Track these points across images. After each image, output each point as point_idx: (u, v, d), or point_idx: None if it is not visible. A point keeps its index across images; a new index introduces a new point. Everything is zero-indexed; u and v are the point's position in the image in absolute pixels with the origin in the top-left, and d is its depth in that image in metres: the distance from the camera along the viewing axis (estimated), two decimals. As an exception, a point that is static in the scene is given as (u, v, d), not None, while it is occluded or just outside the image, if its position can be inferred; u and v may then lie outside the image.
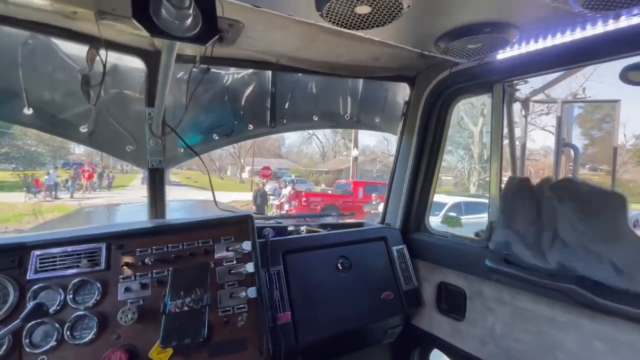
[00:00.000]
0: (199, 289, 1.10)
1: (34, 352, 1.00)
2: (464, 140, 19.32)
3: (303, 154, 44.04)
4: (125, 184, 25.61)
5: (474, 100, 13.80)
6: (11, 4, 1.10)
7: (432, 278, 1.76)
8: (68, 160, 27.72)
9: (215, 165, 35.93)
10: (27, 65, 1.34)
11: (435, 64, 1.64)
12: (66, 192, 18.60)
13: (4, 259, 1.07)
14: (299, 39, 1.38)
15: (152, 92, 1.50)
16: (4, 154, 23.53)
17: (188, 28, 0.58)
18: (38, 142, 25.08)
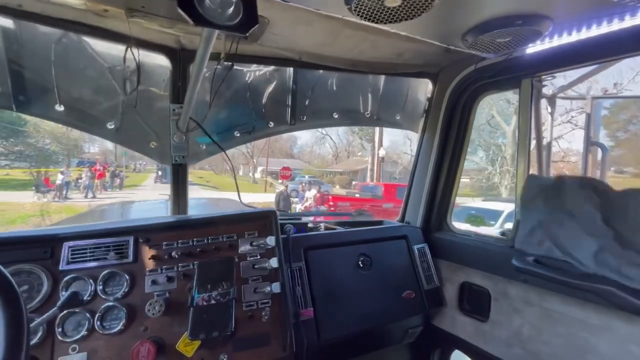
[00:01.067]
0: (225, 282, 1.11)
1: (65, 341, 1.02)
2: (494, 140, 18.05)
3: (315, 155, 43.75)
4: (137, 184, 25.26)
5: (510, 96, 13.02)
6: (47, 2, 1.13)
7: (454, 278, 1.73)
8: (83, 159, 28.09)
9: (229, 165, 36.13)
10: (60, 63, 1.38)
11: (459, 59, 1.61)
12: (77, 191, 17.83)
13: (37, 249, 1.11)
14: (323, 35, 1.37)
15: (176, 89, 1.53)
16: (18, 152, 23.22)
17: (229, 17, 0.58)
18: (52, 140, 24.89)
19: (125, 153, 34.34)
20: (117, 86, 1.49)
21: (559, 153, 13.91)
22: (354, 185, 27.55)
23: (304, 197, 13.44)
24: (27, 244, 1.11)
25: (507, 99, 13.91)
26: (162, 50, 1.46)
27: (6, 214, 11.45)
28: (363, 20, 1.10)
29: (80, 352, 1.02)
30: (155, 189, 19.80)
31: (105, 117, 1.51)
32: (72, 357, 1.01)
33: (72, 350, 1.02)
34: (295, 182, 23.44)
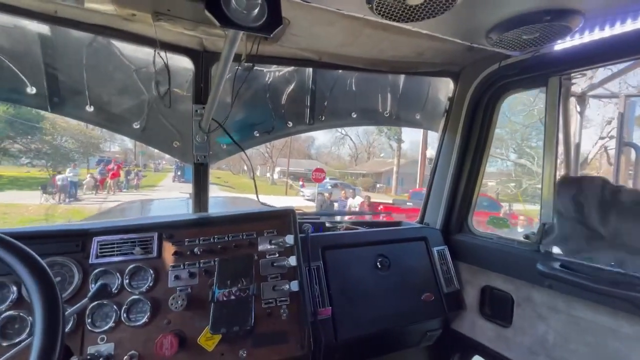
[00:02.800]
0: (245, 279, 1.13)
1: (94, 331, 1.07)
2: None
3: (334, 156, 43.13)
4: (155, 184, 24.54)
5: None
6: (80, 9, 1.19)
7: (475, 281, 1.69)
8: (102, 157, 27.71)
9: (247, 165, 36.21)
10: (90, 66, 1.45)
11: (482, 57, 1.57)
12: (90, 192, 16.77)
13: (69, 243, 1.16)
14: (343, 35, 1.37)
15: (199, 90, 1.57)
16: (36, 149, 22.54)
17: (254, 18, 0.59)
18: (68, 137, 24.18)
19: (143, 152, 34.88)
20: (143, 88, 1.55)
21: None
22: (378, 188, 26.89)
23: (346, 205, 12.08)
24: (60, 238, 1.17)
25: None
26: (185, 53, 1.50)
27: (7, 218, 10.69)
28: (384, 19, 1.09)
29: (108, 343, 1.07)
30: (172, 190, 18.96)
31: (132, 117, 1.57)
32: (101, 346, 1.06)
33: (100, 340, 1.06)
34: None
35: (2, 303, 1.02)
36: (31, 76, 1.34)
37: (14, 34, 1.29)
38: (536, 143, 14.29)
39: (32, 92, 1.35)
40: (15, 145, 21.73)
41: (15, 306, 1.03)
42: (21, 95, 1.34)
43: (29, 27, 1.29)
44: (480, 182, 1.80)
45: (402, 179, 26.48)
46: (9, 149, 21.56)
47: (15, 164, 22.85)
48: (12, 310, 1.02)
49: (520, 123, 14.00)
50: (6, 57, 1.28)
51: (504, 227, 6.70)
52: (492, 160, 15.52)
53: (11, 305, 1.02)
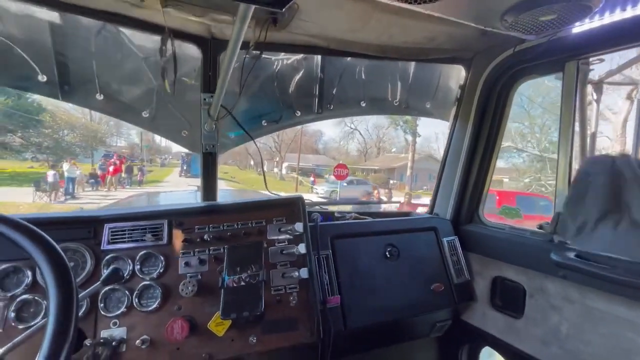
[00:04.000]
0: (254, 265, 1.13)
1: (107, 316, 1.08)
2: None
3: (342, 150, 42.33)
4: (160, 179, 23.47)
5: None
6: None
7: (486, 272, 1.66)
8: (109, 151, 27.15)
9: (254, 159, 35.89)
10: (100, 54, 1.45)
11: (496, 43, 1.53)
12: (88, 188, 15.71)
13: (82, 230, 1.17)
14: (353, 19, 1.34)
15: (207, 78, 1.56)
16: (37, 143, 21.81)
17: None
18: (69, 131, 23.40)
19: (147, 146, 34.75)
20: (152, 76, 1.55)
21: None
22: (392, 184, 26.34)
23: (380, 207, 9.71)
24: (73, 224, 1.18)
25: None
26: (193, 40, 1.49)
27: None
28: (395, 1, 1.07)
29: (121, 327, 1.08)
30: (179, 185, 18.05)
31: (141, 106, 1.57)
32: (113, 330, 1.07)
33: (113, 325, 1.08)
34: (330, 181, 22.37)
35: (17, 287, 1.04)
36: (42, 64, 1.34)
37: (24, 21, 1.29)
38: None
39: (43, 80, 1.36)
40: (16, 139, 21.19)
41: (30, 290, 1.04)
42: (32, 83, 1.35)
43: (38, 15, 1.29)
44: (492, 171, 1.77)
45: (417, 175, 26.01)
46: (9, 143, 20.98)
47: (18, 159, 22.18)
48: (27, 294, 1.03)
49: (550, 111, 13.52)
50: (17, 45, 1.28)
51: (516, 217, 6.58)
52: (509, 154, 15.04)
53: (26, 289, 1.04)
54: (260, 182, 23.16)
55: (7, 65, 1.30)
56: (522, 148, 14.83)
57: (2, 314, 1.01)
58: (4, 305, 1.02)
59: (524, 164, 16.02)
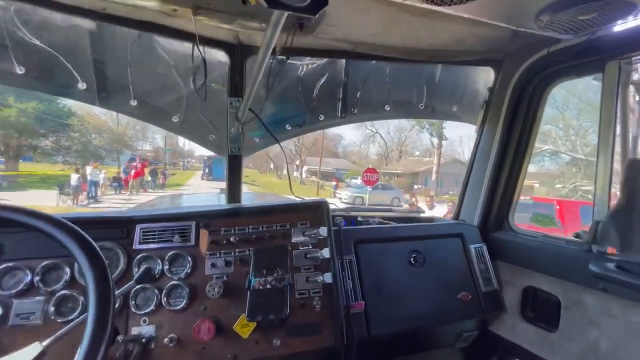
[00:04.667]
0: (280, 269, 1.14)
1: (137, 313, 1.12)
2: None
3: (362, 154, 41.73)
4: (182, 182, 23.73)
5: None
6: (126, 5, 1.24)
7: (516, 282, 1.59)
8: (135, 155, 27.58)
9: (275, 163, 36.09)
10: (134, 62, 1.52)
11: (529, 43, 1.47)
12: (111, 191, 15.96)
13: (116, 230, 1.22)
14: (379, 23, 1.34)
15: (234, 83, 1.60)
16: (66, 147, 22.84)
17: None
18: (96, 135, 24.29)
19: (169, 149, 35.75)
20: (182, 82, 1.60)
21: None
22: (416, 189, 25.55)
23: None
24: (107, 225, 1.24)
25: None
26: (222, 47, 1.53)
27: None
28: (424, 3, 1.05)
29: (150, 325, 1.11)
30: (201, 188, 17.88)
31: (171, 111, 1.63)
32: (143, 327, 1.11)
33: (143, 322, 1.11)
34: (352, 185, 21.74)
35: (57, 283, 1.09)
36: (82, 72, 1.42)
37: (68, 32, 1.37)
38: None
39: (83, 87, 1.44)
40: (47, 142, 22.22)
41: (68, 286, 1.10)
42: (73, 91, 1.44)
43: (81, 25, 1.37)
44: (524, 177, 1.70)
45: (442, 180, 25.22)
46: (40, 146, 22.02)
47: (49, 162, 23.27)
48: (65, 289, 1.09)
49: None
50: (61, 54, 1.36)
51: (550, 225, 6.23)
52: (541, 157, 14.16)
53: (65, 285, 1.10)
54: (280, 186, 23.23)
55: (52, 74, 1.39)
56: (563, 151, 13.98)
57: (43, 307, 1.06)
58: (44, 299, 1.07)
59: (561, 167, 15.10)
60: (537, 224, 6.31)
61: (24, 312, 1.04)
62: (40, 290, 1.07)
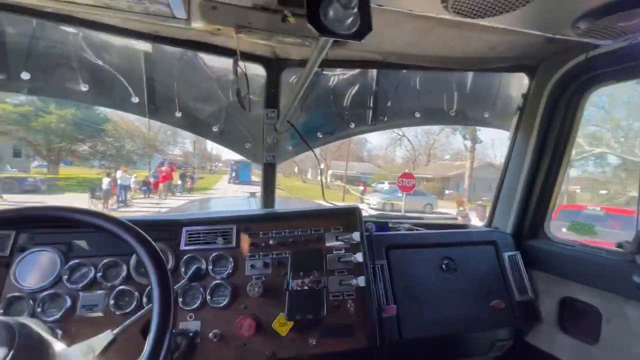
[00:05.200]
0: (316, 271, 1.20)
1: (185, 309, 1.22)
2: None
3: (388, 158, 41.01)
4: (209, 186, 24.07)
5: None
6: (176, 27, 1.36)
7: (553, 291, 1.55)
8: (165, 159, 28.26)
9: (299, 167, 36.19)
10: (180, 77, 1.65)
11: (565, 49, 1.45)
12: (141, 195, 16.15)
13: (165, 232, 1.33)
14: (412, 35, 1.37)
15: (270, 95, 1.69)
16: (102, 152, 24.08)
17: (347, 27, 0.65)
18: (129, 140, 25.43)
19: (197, 154, 36.79)
20: (222, 95, 1.71)
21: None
22: (447, 194, 23.96)
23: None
24: (158, 227, 1.35)
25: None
26: (260, 61, 1.63)
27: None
28: (458, 16, 1.08)
29: (196, 320, 1.21)
30: (227, 192, 18.19)
31: (212, 122, 1.75)
32: (190, 323, 1.20)
33: (189, 318, 1.21)
34: (379, 190, 20.97)
35: (116, 279, 1.21)
36: (135, 88, 1.57)
37: (125, 53, 1.52)
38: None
39: (136, 101, 1.58)
40: (85, 147, 23.56)
41: (125, 282, 1.21)
42: (127, 104, 1.58)
43: (136, 47, 1.52)
44: (560, 185, 1.66)
45: (474, 185, 24.24)
46: (78, 151, 23.31)
47: (87, 166, 24.50)
48: (123, 285, 1.20)
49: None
50: (118, 73, 1.52)
51: (588, 235, 5.85)
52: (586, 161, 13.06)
53: (122, 281, 1.21)
54: (304, 190, 23.10)
55: (110, 90, 1.54)
56: (620, 154, 12.82)
57: (104, 301, 1.18)
58: (105, 293, 1.19)
59: (608, 172, 13.82)
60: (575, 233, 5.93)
61: (88, 304, 1.17)
62: (102, 285, 1.20)
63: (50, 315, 1.12)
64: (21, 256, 1.18)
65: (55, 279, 1.17)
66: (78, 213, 0.79)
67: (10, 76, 1.42)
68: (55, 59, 1.43)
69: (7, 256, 1.18)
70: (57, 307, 1.14)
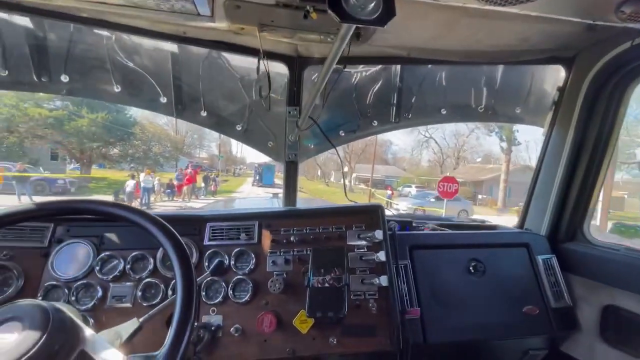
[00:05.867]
0: (337, 269, 1.18)
1: (207, 303, 1.24)
2: None
3: (414, 161, 39.79)
4: (233, 189, 24.03)
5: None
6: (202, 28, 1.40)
7: (593, 298, 1.44)
8: (192, 161, 28.70)
9: (322, 170, 35.96)
10: (205, 77, 1.69)
11: (606, 37, 1.35)
12: (165, 197, 15.98)
13: (190, 227, 1.37)
14: (436, 27, 1.33)
15: (292, 93, 1.69)
16: (131, 155, 24.61)
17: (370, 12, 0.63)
18: (156, 142, 25.77)
19: (221, 156, 37.44)
20: (245, 94, 1.74)
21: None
22: (480, 199, 22.41)
23: None
24: (183, 222, 1.39)
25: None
26: (282, 59, 1.64)
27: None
28: (487, 5, 1.03)
29: (218, 315, 1.22)
30: (251, 195, 17.97)
31: (236, 120, 1.78)
32: (212, 317, 1.22)
33: (212, 312, 1.23)
34: (411, 194, 19.98)
35: (143, 271, 1.25)
36: (164, 88, 1.63)
37: (153, 54, 1.59)
38: None
39: (164, 101, 1.64)
40: (116, 150, 24.23)
41: (152, 275, 1.25)
42: (156, 104, 1.65)
43: (164, 48, 1.58)
44: (601, 184, 1.54)
45: (510, 188, 22.95)
46: (108, 153, 24.00)
47: (119, 168, 25.15)
48: (150, 277, 1.24)
49: None
50: (148, 74, 1.58)
51: (635, 237, 5.41)
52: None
53: (149, 273, 1.25)
54: (328, 193, 22.78)
55: (141, 91, 1.61)
56: None
57: (132, 292, 1.23)
58: (133, 285, 1.24)
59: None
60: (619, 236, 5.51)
61: (118, 295, 1.22)
62: (130, 277, 1.24)
63: (83, 304, 1.18)
64: (58, 247, 1.25)
65: (88, 270, 1.23)
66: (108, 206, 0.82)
67: (52, 79, 1.51)
68: (90, 62, 1.52)
69: (46, 247, 1.25)
70: (90, 297, 1.20)
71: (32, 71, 1.46)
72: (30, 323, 0.62)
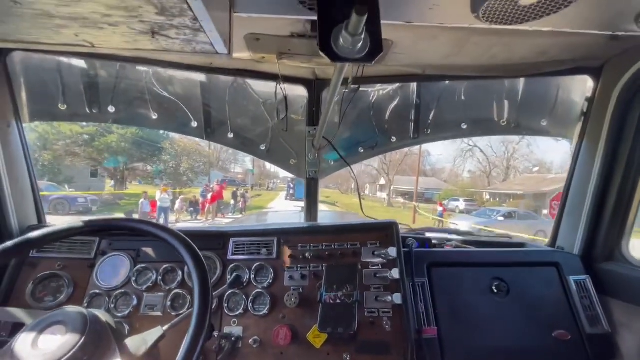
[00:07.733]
0: (349, 285, 1.21)
1: (229, 315, 1.31)
2: None
3: (457, 171, 37.08)
4: (263, 205, 22.89)
5: None
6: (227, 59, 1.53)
7: (635, 325, 1.32)
8: (226, 177, 29.04)
9: (354, 182, 34.79)
10: (231, 102, 1.84)
11: (633, 45, 1.28)
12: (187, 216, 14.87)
13: (214, 242, 1.47)
14: (448, 46, 1.35)
15: (311, 114, 1.78)
16: (161, 171, 24.58)
17: (359, 50, 0.69)
18: (185, 158, 25.43)
19: (252, 171, 37.74)
20: (268, 116, 1.86)
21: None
22: (545, 214, 19.58)
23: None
24: (208, 237, 1.49)
25: None
26: (301, 82, 1.74)
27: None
28: (493, 25, 1.04)
29: (238, 326, 1.29)
30: (283, 209, 16.43)
31: (260, 141, 1.89)
32: (233, 328, 1.29)
33: (232, 323, 1.29)
34: (458, 208, 17.87)
35: (172, 282, 1.36)
36: (194, 114, 1.79)
37: (185, 83, 1.76)
38: None
39: (195, 125, 1.80)
40: (147, 166, 24.25)
41: (180, 286, 1.36)
42: (188, 128, 1.81)
43: (193, 78, 1.75)
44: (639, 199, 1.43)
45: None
46: (140, 169, 23.97)
47: (154, 184, 24.67)
48: (178, 289, 1.35)
49: None
50: (180, 101, 1.75)
51: None
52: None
53: (178, 285, 1.36)
54: (365, 208, 21.55)
55: (174, 117, 1.79)
56: None
57: (162, 302, 1.34)
58: (164, 295, 1.35)
59: None
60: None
61: (150, 304, 1.33)
62: (161, 287, 1.36)
63: (120, 311, 1.30)
64: (102, 259, 1.41)
65: (126, 280, 1.37)
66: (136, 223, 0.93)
67: (101, 110, 1.73)
68: (132, 94, 1.72)
69: (92, 258, 1.41)
70: (126, 305, 1.32)
71: (85, 104, 1.69)
72: (72, 327, 0.73)
